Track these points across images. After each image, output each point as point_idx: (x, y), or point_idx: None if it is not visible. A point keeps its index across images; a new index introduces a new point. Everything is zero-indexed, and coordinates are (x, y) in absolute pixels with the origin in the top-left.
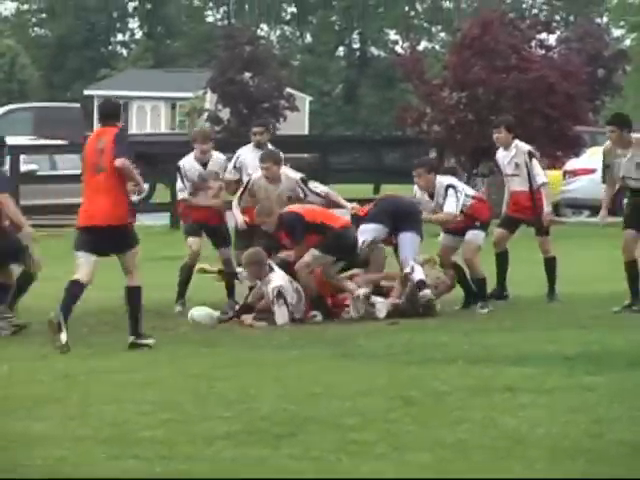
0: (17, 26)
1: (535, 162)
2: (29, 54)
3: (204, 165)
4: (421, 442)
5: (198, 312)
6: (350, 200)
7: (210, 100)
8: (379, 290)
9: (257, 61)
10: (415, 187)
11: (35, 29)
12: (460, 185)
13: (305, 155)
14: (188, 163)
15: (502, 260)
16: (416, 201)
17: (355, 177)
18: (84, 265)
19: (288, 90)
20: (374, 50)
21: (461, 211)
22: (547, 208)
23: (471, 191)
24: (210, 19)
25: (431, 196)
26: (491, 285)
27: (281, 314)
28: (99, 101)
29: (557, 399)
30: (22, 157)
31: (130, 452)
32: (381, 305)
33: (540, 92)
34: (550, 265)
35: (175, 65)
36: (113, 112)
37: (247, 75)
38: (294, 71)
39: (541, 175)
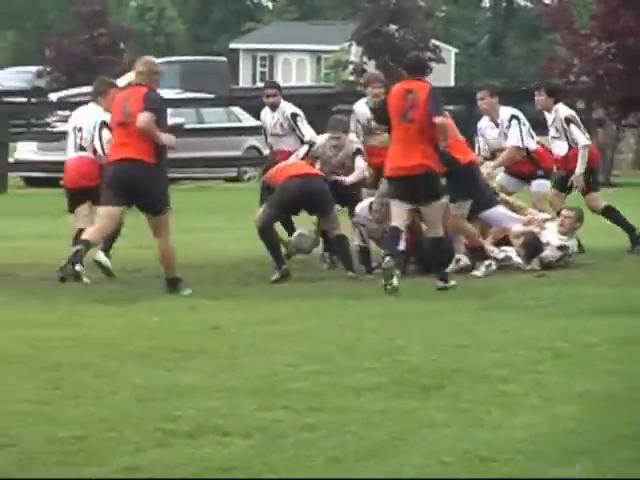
0: None
1: (573, 127)
2: (175, 7)
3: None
4: (570, 394)
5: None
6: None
7: (355, 53)
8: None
9: (402, 13)
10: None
11: None
12: (524, 119)
13: (451, 107)
14: (359, 107)
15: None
16: None
17: None
18: (398, 213)
19: (433, 42)
20: (520, 0)
21: (527, 152)
22: (579, 170)
23: (534, 135)
24: None
25: (496, 124)
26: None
27: None
28: (244, 54)
29: None
30: (169, 110)
31: (279, 403)
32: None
33: None
34: (610, 216)
35: (320, 17)
36: (419, 66)
37: (392, 27)
38: (439, 22)
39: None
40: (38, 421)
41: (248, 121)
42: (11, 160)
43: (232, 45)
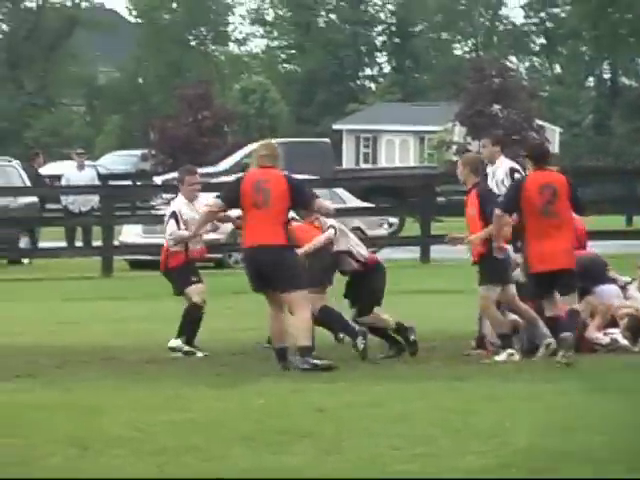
0: (267, 62)
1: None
2: (278, 89)
3: None
4: None
5: None
6: (599, 232)
7: (458, 133)
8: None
9: (506, 93)
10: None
11: (284, 65)
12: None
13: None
14: None
15: None
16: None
17: (606, 208)
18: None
19: (537, 121)
20: (625, 80)
21: None
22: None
23: None
24: (458, 52)
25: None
26: None
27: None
28: (348, 135)
29: None
30: None
31: None
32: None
33: None
34: None
35: (423, 98)
36: (545, 155)
37: (496, 107)
38: (543, 102)
39: None
40: None
41: (352, 202)
42: (116, 243)
43: (335, 126)
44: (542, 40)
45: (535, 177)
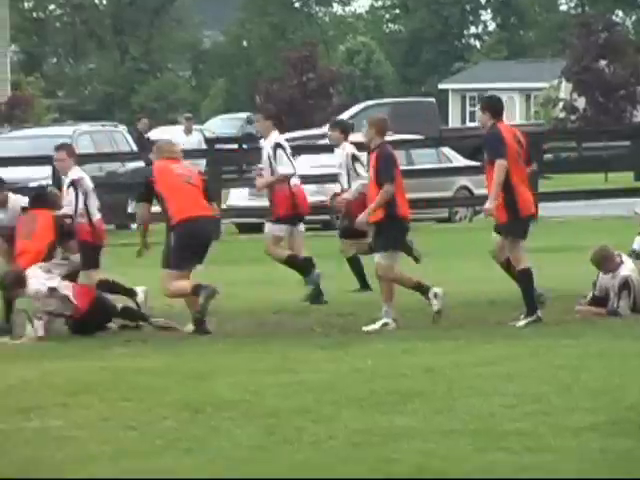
0: (371, 22)
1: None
2: (383, 50)
3: None
4: None
5: None
6: None
7: (565, 89)
8: None
9: (613, 48)
10: None
11: (389, 25)
12: None
13: None
14: None
15: None
16: None
17: None
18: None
19: None
20: None
21: None
22: None
23: None
24: (564, 7)
25: None
26: None
27: None
28: (453, 94)
29: None
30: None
31: (497, 445)
32: None
33: None
34: None
35: (529, 55)
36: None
37: (603, 62)
38: None
39: None
40: (252, 469)
41: (458, 161)
42: (224, 207)
43: (441, 85)
44: None
45: (504, 128)
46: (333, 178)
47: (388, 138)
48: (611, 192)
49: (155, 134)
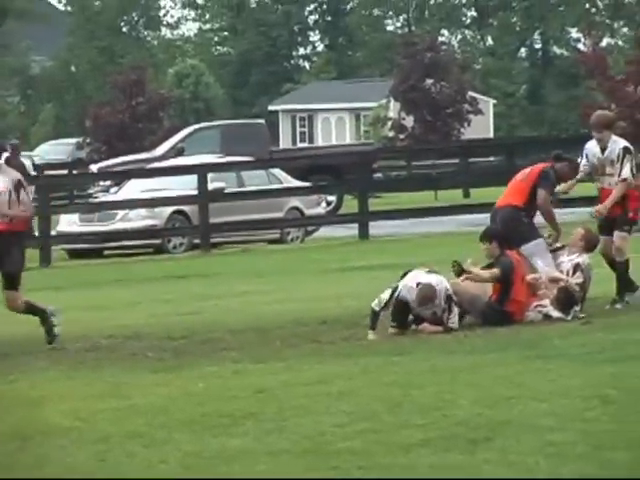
0: (200, 45)
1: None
2: (213, 72)
3: (602, 151)
4: (620, 440)
5: None
6: None
7: (394, 108)
8: None
9: (439, 67)
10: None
11: (218, 47)
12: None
13: (491, 158)
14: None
15: None
16: None
17: None
18: None
19: (471, 94)
20: (556, 49)
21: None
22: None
23: None
24: (390, 27)
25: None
26: None
27: None
28: (284, 115)
29: None
30: (210, 175)
31: (328, 464)
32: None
33: None
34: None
35: (357, 75)
36: None
37: (429, 81)
38: (476, 75)
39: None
40: None
41: (289, 182)
42: (53, 233)
43: (271, 107)
44: (473, 12)
45: None
46: (164, 201)
47: (220, 160)
48: (441, 210)
49: None
